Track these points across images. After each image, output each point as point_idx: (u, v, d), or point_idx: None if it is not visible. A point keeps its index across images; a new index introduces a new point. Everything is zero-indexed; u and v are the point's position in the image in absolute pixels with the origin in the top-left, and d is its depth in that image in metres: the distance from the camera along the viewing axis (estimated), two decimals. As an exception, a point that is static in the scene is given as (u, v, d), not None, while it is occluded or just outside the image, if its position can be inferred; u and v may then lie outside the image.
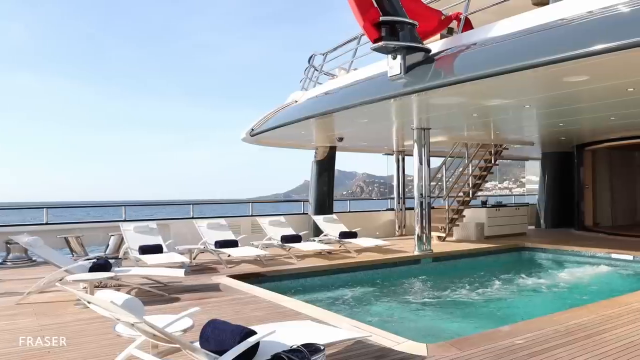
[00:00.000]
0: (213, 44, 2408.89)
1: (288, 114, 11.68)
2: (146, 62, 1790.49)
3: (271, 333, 3.42)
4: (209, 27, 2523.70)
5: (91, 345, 4.67)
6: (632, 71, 6.58)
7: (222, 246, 9.71)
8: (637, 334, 4.88)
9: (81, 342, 4.77)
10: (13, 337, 4.90)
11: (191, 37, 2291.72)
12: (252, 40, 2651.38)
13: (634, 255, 10.28)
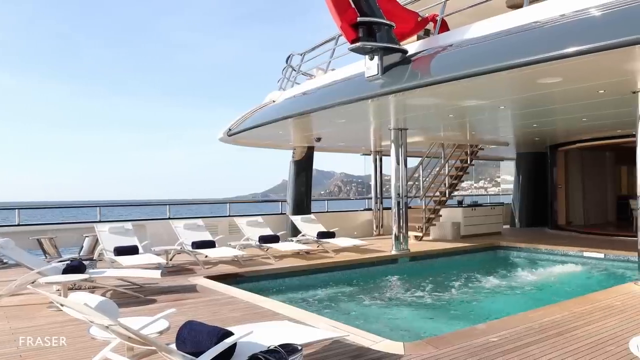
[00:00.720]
0: (190, 43, 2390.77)
1: (266, 114, 11.65)
2: (122, 61, 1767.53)
3: (248, 334, 3.41)
4: (186, 26, 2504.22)
5: (65, 348, 4.59)
6: (603, 74, 6.73)
7: (199, 247, 9.63)
8: (607, 330, 5.00)
9: (55, 345, 4.68)
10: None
11: (168, 36, 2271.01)
12: (230, 40, 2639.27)
13: (604, 253, 10.52)
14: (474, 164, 15.26)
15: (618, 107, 8.91)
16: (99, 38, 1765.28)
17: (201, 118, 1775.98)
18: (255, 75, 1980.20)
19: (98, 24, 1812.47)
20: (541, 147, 16.55)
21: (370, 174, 16.20)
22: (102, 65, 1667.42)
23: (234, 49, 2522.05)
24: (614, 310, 5.82)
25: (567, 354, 4.31)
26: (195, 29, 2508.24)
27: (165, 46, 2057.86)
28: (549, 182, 16.69)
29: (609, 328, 5.09)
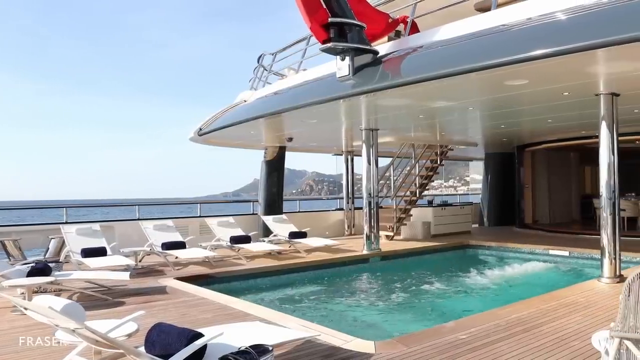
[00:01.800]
0: (160, 40, 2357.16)
1: (237, 114, 11.57)
2: (91, 58, 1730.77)
3: (219, 335, 3.38)
4: (156, 23, 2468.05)
5: (30, 352, 4.47)
6: (567, 76, 6.91)
7: (169, 248, 9.51)
8: (571, 326, 5.14)
9: (19, 350, 4.56)
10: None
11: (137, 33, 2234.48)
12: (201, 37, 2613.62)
13: (569, 251, 10.82)
14: (443, 164, 15.46)
15: (582, 109, 9.17)
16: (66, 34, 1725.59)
17: (172, 116, 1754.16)
18: (226, 74, 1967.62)
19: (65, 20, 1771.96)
20: (509, 147, 16.89)
21: (342, 173, 16.27)
22: (69, 62, 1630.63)
23: (204, 46, 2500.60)
24: (578, 307, 5.98)
25: (533, 349, 4.41)
26: (165, 26, 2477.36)
27: (135, 43, 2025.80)
28: (516, 181, 17.04)
29: (573, 324, 5.23)
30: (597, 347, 2.77)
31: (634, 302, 2.45)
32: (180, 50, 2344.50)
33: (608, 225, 7.46)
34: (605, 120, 7.42)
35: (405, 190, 14.27)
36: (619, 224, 7.62)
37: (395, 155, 14.91)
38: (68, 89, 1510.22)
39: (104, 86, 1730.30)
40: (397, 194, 14.02)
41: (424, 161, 14.83)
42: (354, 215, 15.36)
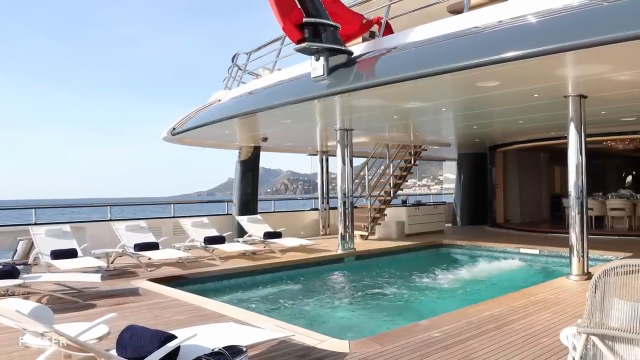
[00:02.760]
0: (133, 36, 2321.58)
1: (211, 113, 11.48)
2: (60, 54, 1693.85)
3: (192, 337, 3.35)
4: (129, 18, 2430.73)
5: None
6: (537, 78, 7.05)
7: (141, 249, 9.38)
8: (541, 323, 5.25)
9: None
10: None
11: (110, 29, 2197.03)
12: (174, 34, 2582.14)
13: (539, 249, 11.06)
14: (417, 164, 15.62)
15: (551, 110, 9.36)
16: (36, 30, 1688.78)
17: (144, 114, 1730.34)
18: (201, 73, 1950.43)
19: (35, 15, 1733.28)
20: (481, 148, 17.15)
21: (316, 172, 16.29)
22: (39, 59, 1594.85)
23: (178, 44, 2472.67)
24: (548, 304, 6.11)
25: (504, 346, 4.50)
26: (138, 22, 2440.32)
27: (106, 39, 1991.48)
28: (488, 181, 17.32)
29: (543, 321, 5.34)
30: (565, 343, 2.84)
31: (600, 299, 2.51)
32: (153, 47, 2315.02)
33: (576, 224, 7.64)
34: (573, 122, 7.59)
35: (380, 190, 14.37)
36: (587, 223, 7.81)
37: (370, 155, 15.00)
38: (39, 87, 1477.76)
39: (74, 83, 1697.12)
40: (372, 194, 14.10)
41: (398, 161, 14.95)
42: (329, 215, 15.39)
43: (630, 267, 2.45)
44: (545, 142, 14.90)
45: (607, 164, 20.60)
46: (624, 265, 2.46)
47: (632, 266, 2.44)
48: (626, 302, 2.43)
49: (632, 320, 2.39)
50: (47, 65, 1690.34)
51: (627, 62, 6.16)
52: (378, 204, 14.04)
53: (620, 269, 2.48)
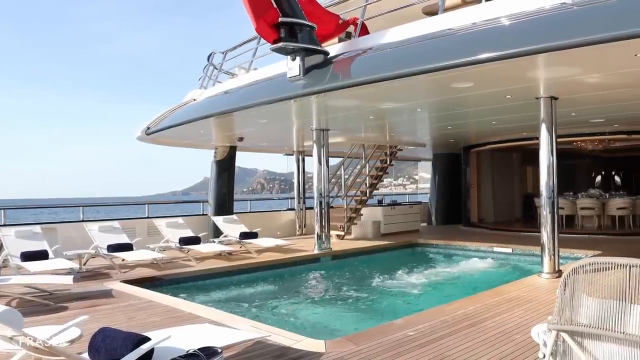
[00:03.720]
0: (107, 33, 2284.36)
1: (186, 113, 11.37)
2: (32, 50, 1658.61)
3: (166, 338, 3.32)
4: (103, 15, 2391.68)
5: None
6: (510, 80, 7.17)
7: (115, 250, 9.24)
8: (514, 320, 5.35)
9: None
10: None
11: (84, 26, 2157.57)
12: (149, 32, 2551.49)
13: (512, 248, 11.25)
14: (393, 164, 15.73)
15: (523, 111, 9.53)
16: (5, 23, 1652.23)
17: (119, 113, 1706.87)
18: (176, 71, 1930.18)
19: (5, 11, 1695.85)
20: (455, 148, 17.36)
21: (293, 171, 16.27)
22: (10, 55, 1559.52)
23: (154, 42, 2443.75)
24: (521, 301, 6.22)
25: (477, 344, 4.56)
26: (112, 19, 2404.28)
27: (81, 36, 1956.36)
28: (463, 181, 17.54)
29: (515, 318, 5.43)
30: (536, 339, 2.89)
31: (570, 296, 2.57)
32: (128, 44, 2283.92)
33: (548, 223, 7.80)
34: (545, 123, 7.75)
35: (356, 190, 14.43)
36: (558, 222, 7.98)
37: (346, 155, 15.05)
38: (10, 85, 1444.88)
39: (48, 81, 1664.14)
40: (348, 194, 14.15)
41: (374, 161, 15.03)
42: (305, 215, 15.40)
43: (598, 265, 2.51)
44: (518, 143, 15.16)
45: (578, 164, 21.08)
46: (592, 263, 2.52)
47: (600, 264, 2.50)
48: (594, 299, 2.49)
49: (599, 317, 2.45)
50: (17, 61, 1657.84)
51: (597, 65, 6.32)
52: (354, 203, 14.10)
53: (588, 267, 2.54)
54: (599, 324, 2.45)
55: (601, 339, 2.49)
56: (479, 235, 13.85)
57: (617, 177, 22.79)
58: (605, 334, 2.44)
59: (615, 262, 2.45)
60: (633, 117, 11.19)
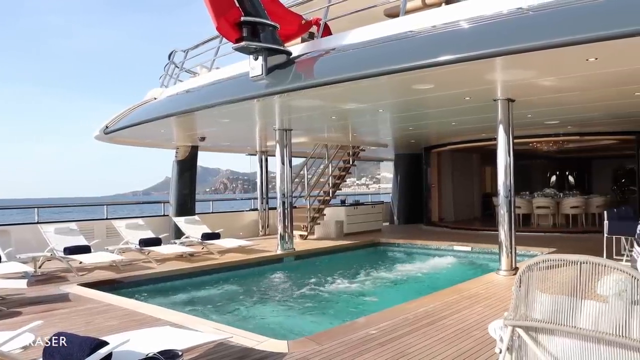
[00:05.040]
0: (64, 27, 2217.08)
1: (146, 112, 11.15)
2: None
3: (125, 342, 3.25)
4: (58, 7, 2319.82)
5: None
6: (469, 82, 7.33)
7: (72, 252, 8.98)
8: (472, 317, 5.47)
9: None
10: None
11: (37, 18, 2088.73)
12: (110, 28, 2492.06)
13: (471, 246, 11.52)
14: (356, 165, 15.86)
15: (482, 113, 9.76)
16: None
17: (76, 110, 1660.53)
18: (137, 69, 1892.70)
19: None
20: (417, 148, 17.62)
21: (256, 171, 16.18)
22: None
23: (113, 37, 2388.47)
24: (479, 298, 6.37)
25: (437, 341, 4.65)
26: (70, 12, 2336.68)
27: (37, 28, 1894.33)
28: (424, 181, 17.82)
29: (474, 315, 5.56)
30: (493, 335, 2.97)
31: (525, 292, 2.65)
32: (87, 40, 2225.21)
33: (505, 222, 8.02)
34: (502, 124, 7.96)
35: (319, 190, 14.48)
36: (515, 220, 8.21)
37: (309, 155, 15.08)
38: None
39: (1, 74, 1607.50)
40: (311, 194, 14.19)
41: (337, 161, 15.12)
42: (268, 215, 15.35)
43: (551, 262, 2.60)
44: (477, 144, 15.52)
45: (534, 164, 21.77)
46: (546, 260, 2.61)
47: (553, 261, 2.59)
48: (547, 295, 2.58)
49: (553, 312, 2.53)
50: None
51: (551, 69, 6.53)
52: (317, 203, 14.14)
53: (542, 264, 2.63)
54: (552, 319, 2.53)
55: (554, 334, 2.58)
56: (440, 234, 14.11)
57: (570, 177, 23.64)
58: (557, 328, 2.52)
59: (567, 259, 2.53)
60: (585, 119, 11.62)
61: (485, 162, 19.39)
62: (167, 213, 14.09)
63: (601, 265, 2.42)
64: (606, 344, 2.41)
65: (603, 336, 2.39)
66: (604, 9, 5.14)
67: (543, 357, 2.60)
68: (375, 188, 41.61)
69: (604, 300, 2.50)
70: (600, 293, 2.52)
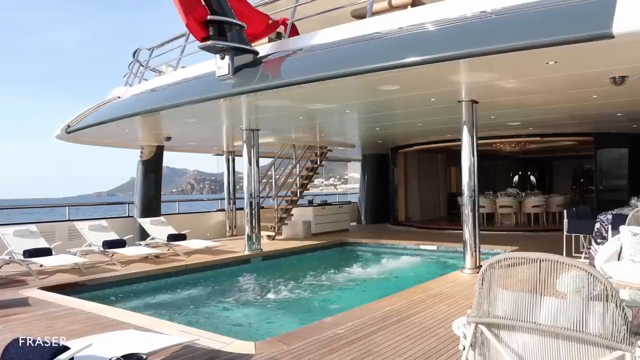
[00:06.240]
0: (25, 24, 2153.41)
1: (110, 111, 10.92)
2: None
3: (87, 347, 3.18)
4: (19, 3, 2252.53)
5: None
6: (434, 83, 7.44)
7: (32, 255, 8.71)
8: (437, 315, 5.57)
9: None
10: None
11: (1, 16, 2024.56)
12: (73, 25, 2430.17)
13: (437, 245, 11.70)
14: (324, 165, 15.90)
15: (447, 114, 9.92)
16: None
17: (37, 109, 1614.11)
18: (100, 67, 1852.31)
19: None
20: (384, 149, 17.79)
21: (223, 171, 16.05)
22: None
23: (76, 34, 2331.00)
24: (444, 297, 6.48)
25: (404, 339, 4.71)
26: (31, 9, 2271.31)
27: None
28: (391, 181, 18.00)
29: (439, 313, 5.66)
30: (457, 332, 3.03)
31: (487, 290, 2.71)
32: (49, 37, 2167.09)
33: (469, 221, 8.17)
34: (466, 125, 8.11)
35: (287, 190, 14.46)
36: (479, 219, 8.38)
37: (277, 155, 15.05)
38: None
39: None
40: (279, 194, 14.16)
41: (304, 161, 15.13)
42: (236, 215, 15.24)
43: (512, 260, 2.66)
44: (442, 144, 15.77)
45: (497, 164, 22.28)
46: (507, 258, 2.67)
47: (514, 259, 2.65)
48: (509, 292, 2.65)
49: (514, 309, 2.60)
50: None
51: (512, 71, 6.69)
52: (285, 204, 14.12)
53: (504, 262, 2.69)
54: (513, 315, 2.60)
55: (515, 330, 2.64)
56: (406, 234, 14.28)
57: (532, 177, 24.29)
58: (518, 324, 2.59)
59: (528, 257, 2.60)
60: (546, 121, 11.95)
61: (451, 162, 19.73)
62: (132, 214, 13.84)
63: (560, 263, 2.49)
64: (564, 338, 2.48)
65: (561, 331, 2.46)
66: (563, 14, 5.29)
67: (505, 353, 2.66)
68: (344, 188, 41.81)
69: (562, 297, 2.58)
70: (559, 289, 2.60)
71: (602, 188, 13.87)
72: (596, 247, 7.34)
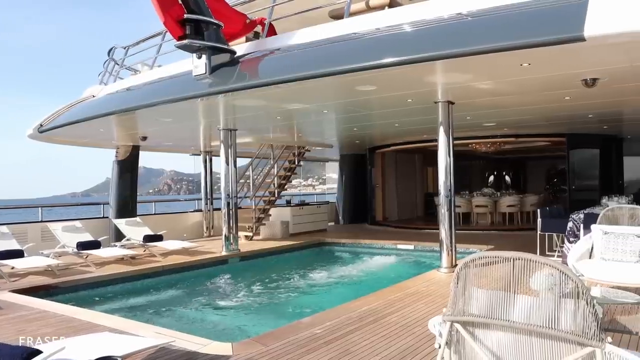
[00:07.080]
0: None
1: (84, 110, 10.74)
2: None
3: (60, 350, 3.12)
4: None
5: None
6: (411, 84, 7.50)
7: (3, 257, 8.52)
8: (414, 314, 5.62)
9: None
10: None
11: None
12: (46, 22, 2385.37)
13: (414, 245, 11.80)
14: (302, 165, 15.89)
15: (423, 115, 10.01)
16: None
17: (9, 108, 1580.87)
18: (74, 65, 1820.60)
19: None
20: (361, 149, 17.86)
21: (201, 171, 15.92)
22: None
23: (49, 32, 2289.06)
24: (421, 296, 6.54)
25: (381, 338, 4.74)
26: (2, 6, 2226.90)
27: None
28: (368, 181, 18.08)
29: (416, 312, 5.70)
30: (433, 330, 3.06)
31: (462, 288, 2.74)
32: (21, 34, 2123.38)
33: (445, 221, 8.26)
34: (442, 126, 8.19)
35: (265, 191, 14.42)
36: (455, 219, 8.48)
37: (254, 155, 14.99)
38: None
39: None
40: (256, 194, 14.10)
41: (282, 162, 15.10)
42: (213, 216, 15.13)
43: (487, 258, 2.70)
44: (419, 145, 15.90)
45: (473, 164, 22.58)
46: (482, 257, 2.71)
47: (489, 258, 2.69)
48: (484, 290, 2.68)
49: (488, 307, 2.64)
50: None
51: (488, 73, 6.79)
52: (263, 204, 14.07)
53: (478, 261, 2.73)
54: (488, 313, 2.64)
55: (490, 328, 2.68)
56: (384, 233, 14.37)
57: (507, 177, 24.67)
58: (493, 322, 2.63)
59: (502, 256, 2.64)
60: (520, 122, 12.15)
61: (428, 162, 19.90)
62: (107, 215, 13.63)
63: (533, 261, 2.54)
64: (537, 336, 2.53)
65: (535, 329, 2.51)
66: (537, 17, 5.39)
67: (480, 351, 2.70)
68: (322, 189, 41.88)
69: (536, 295, 2.63)
70: (532, 288, 2.65)
71: (575, 188, 14.17)
72: (569, 246, 7.50)
